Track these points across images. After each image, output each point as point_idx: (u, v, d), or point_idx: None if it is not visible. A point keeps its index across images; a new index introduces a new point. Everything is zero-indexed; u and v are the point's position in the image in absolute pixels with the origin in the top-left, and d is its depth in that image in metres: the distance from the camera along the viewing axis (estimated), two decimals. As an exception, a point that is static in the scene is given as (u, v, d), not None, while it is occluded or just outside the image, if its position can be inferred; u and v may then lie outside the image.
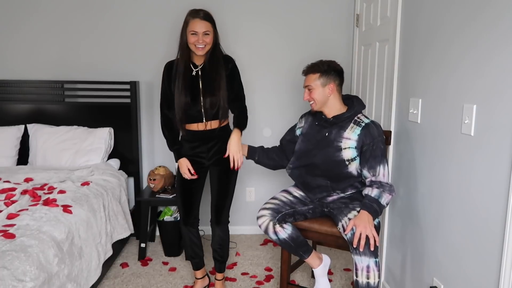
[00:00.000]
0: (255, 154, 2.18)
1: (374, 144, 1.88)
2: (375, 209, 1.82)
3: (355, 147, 1.91)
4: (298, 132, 2.12)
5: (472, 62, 1.46)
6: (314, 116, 2.06)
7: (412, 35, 1.96)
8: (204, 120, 2.07)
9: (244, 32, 3.04)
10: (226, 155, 2.06)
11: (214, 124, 2.09)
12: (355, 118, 1.94)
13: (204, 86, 2.04)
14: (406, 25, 2.04)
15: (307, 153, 2.02)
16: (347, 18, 3.04)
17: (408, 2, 2.01)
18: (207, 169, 2.21)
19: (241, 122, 2.12)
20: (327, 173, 1.98)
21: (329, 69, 1.93)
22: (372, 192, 1.86)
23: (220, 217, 2.20)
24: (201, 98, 2.04)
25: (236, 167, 2.06)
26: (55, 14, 2.98)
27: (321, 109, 1.98)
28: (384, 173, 1.88)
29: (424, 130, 1.85)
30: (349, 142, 1.91)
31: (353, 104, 1.97)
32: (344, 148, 1.92)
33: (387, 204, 1.88)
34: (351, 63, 3.03)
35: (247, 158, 2.20)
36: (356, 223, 1.76)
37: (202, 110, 2.05)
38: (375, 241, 1.73)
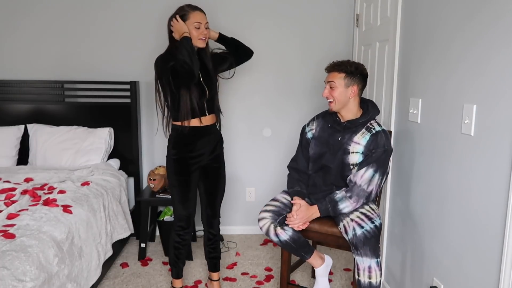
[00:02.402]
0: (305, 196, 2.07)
1: (376, 152, 1.85)
2: (327, 209, 1.89)
3: (362, 153, 1.89)
4: (309, 135, 2.08)
5: (472, 62, 1.46)
6: (327, 118, 2.02)
7: (412, 35, 1.96)
8: (207, 114, 2.08)
9: (244, 32, 3.04)
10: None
11: (210, 119, 2.10)
12: (368, 124, 1.92)
13: (205, 80, 2.05)
14: (406, 25, 2.04)
15: (321, 156, 1.99)
16: (347, 18, 3.03)
17: (408, 2, 2.01)
18: (200, 168, 2.16)
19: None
20: (335, 178, 1.96)
21: (356, 71, 1.88)
22: (339, 193, 1.89)
23: (216, 212, 2.25)
24: (207, 91, 2.05)
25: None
26: (55, 14, 2.98)
27: (339, 110, 1.93)
28: (364, 176, 1.84)
29: (424, 130, 1.85)
30: (357, 147, 1.89)
31: (368, 109, 1.94)
32: (352, 152, 1.90)
33: (347, 212, 1.88)
34: (351, 63, 3.03)
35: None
36: (299, 211, 1.89)
37: (205, 103, 2.06)
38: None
